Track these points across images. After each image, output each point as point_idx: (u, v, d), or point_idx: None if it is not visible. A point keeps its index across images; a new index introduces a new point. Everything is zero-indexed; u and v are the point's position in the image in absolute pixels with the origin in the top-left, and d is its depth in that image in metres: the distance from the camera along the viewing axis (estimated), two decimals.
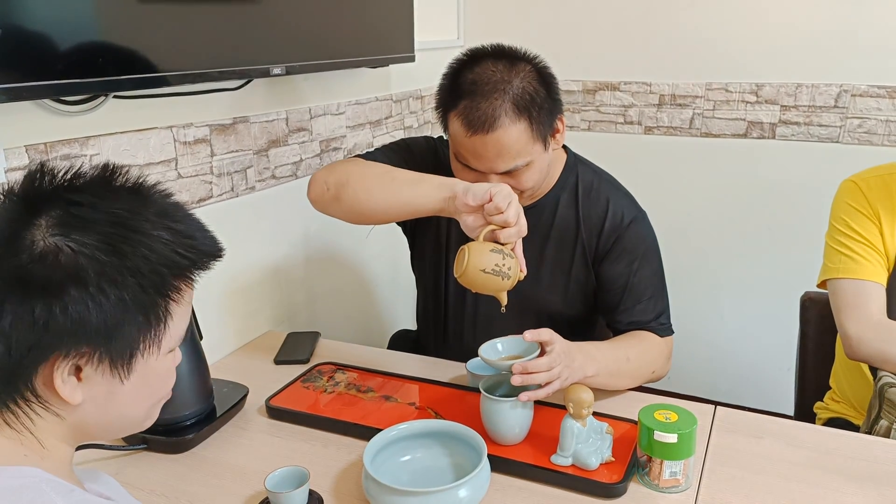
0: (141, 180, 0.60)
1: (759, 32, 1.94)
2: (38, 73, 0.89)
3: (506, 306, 0.99)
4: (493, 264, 0.93)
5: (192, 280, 0.61)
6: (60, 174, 0.57)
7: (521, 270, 0.97)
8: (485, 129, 1.04)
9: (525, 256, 0.99)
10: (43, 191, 0.56)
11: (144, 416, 0.64)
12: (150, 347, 0.59)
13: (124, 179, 0.60)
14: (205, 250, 0.61)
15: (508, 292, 0.98)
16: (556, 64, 1.17)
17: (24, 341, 0.53)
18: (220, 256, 0.63)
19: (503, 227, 0.95)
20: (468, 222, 0.98)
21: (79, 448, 0.98)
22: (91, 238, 0.54)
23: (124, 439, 1.05)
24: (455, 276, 0.97)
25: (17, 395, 0.56)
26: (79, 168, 0.58)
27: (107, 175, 0.59)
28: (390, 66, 1.77)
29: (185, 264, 0.59)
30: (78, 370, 0.56)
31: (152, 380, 0.61)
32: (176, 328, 0.61)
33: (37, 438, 0.57)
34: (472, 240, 0.98)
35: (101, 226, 0.55)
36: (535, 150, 1.09)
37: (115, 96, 1.08)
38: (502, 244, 0.96)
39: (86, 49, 0.95)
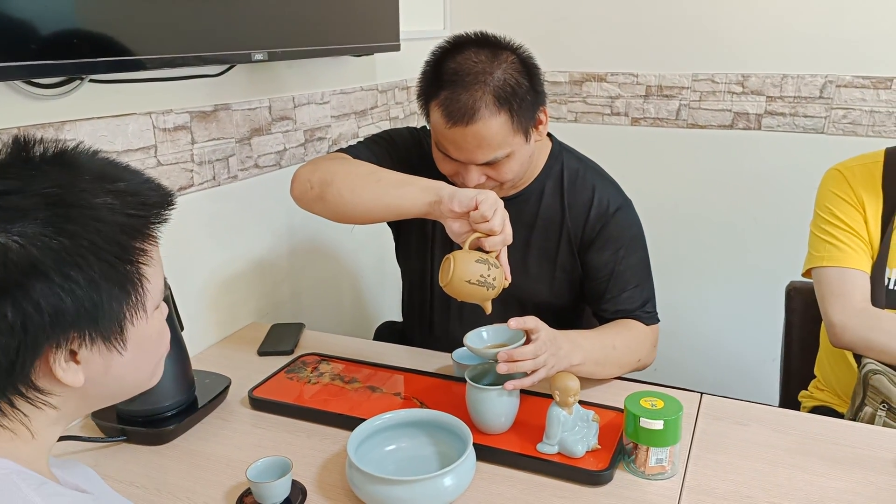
0: (61, 147, 0.56)
1: (745, 23, 1.94)
2: (10, 53, 0.86)
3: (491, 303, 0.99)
4: (479, 275, 0.94)
5: (154, 237, 0.59)
6: None
7: (505, 279, 0.98)
8: (464, 121, 1.03)
9: (510, 246, 0.99)
10: None
11: (150, 375, 0.64)
12: (136, 314, 0.57)
13: (42, 150, 0.55)
14: (155, 202, 0.58)
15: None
16: (542, 55, 1.16)
17: (9, 345, 0.51)
18: (173, 204, 0.60)
19: (488, 235, 0.94)
20: (454, 228, 0.98)
21: (58, 440, 0.97)
22: (33, 227, 0.50)
23: (103, 431, 1.03)
24: (440, 285, 0.97)
25: (16, 396, 0.54)
26: None
27: (22, 153, 0.54)
28: (375, 55, 1.76)
29: (140, 223, 0.56)
30: (73, 354, 0.55)
31: (148, 343, 0.60)
32: (154, 288, 0.59)
33: (28, 429, 0.56)
34: (457, 245, 0.98)
35: (38, 211, 0.51)
36: (516, 142, 1.08)
37: (91, 80, 1.05)
38: (487, 252, 0.95)
39: (60, 30, 0.93)
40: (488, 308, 0.99)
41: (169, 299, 1.06)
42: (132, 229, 0.56)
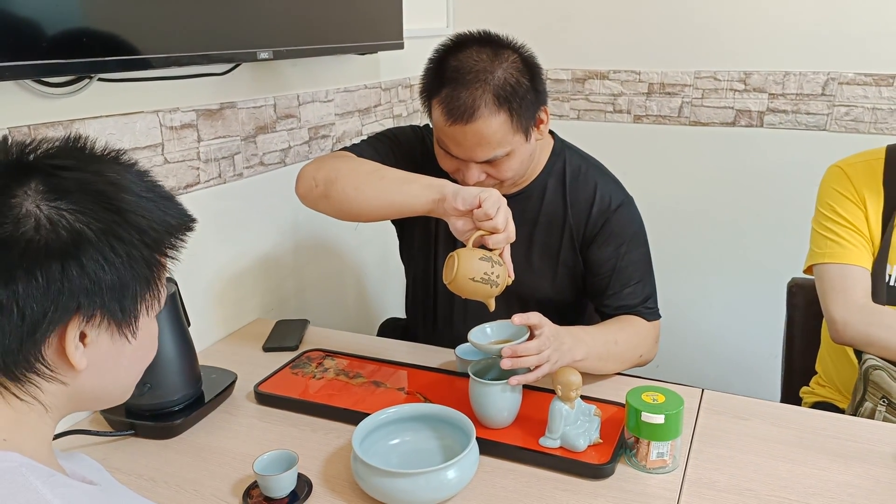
0: (108, 148, 0.60)
1: (747, 20, 1.94)
2: (20, 52, 0.88)
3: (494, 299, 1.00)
4: (482, 273, 0.95)
5: (180, 244, 0.62)
6: (31, 144, 0.57)
7: (508, 276, 0.99)
8: (464, 119, 1.04)
9: (513, 243, 1.00)
10: (17, 161, 0.56)
11: (133, 383, 0.65)
12: (151, 305, 0.61)
13: (92, 146, 0.60)
14: (187, 215, 0.63)
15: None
16: (545, 52, 1.16)
17: (39, 307, 0.53)
18: (193, 227, 0.64)
19: (492, 233, 0.95)
20: (457, 226, 0.99)
21: (67, 434, 0.99)
22: (88, 199, 0.54)
23: (111, 425, 1.05)
24: (444, 282, 0.98)
25: (25, 364, 0.55)
26: (42, 139, 0.58)
27: (78, 144, 0.59)
28: (379, 53, 1.76)
29: (175, 223, 0.61)
30: (83, 336, 0.56)
31: (148, 341, 0.63)
32: (163, 294, 0.63)
33: (42, 404, 0.57)
34: (461, 242, 0.99)
35: (94, 185, 0.55)
36: (516, 141, 1.09)
37: (100, 79, 1.07)
38: (491, 249, 0.96)
39: (69, 29, 0.94)
40: (492, 305, 1.00)
41: (176, 295, 1.07)
42: (167, 225, 0.60)
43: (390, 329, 1.56)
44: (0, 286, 0.51)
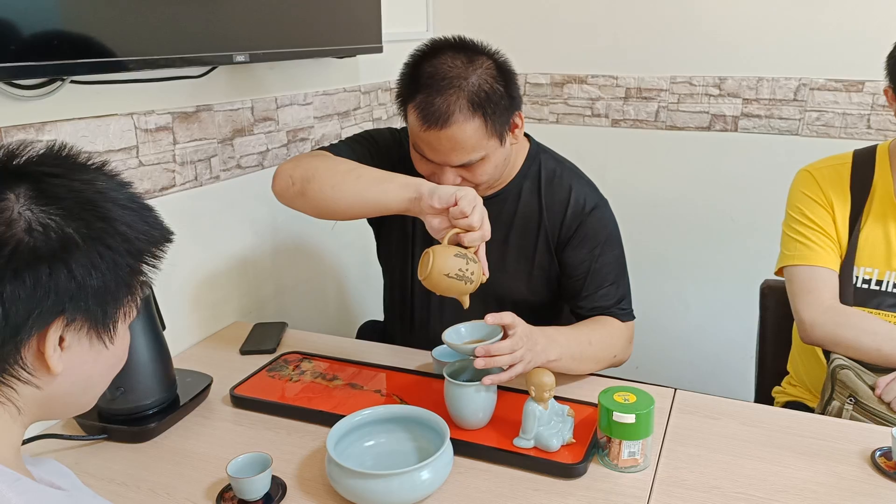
0: (91, 158, 0.62)
1: (722, 27, 1.98)
2: None
3: (469, 298, 1.00)
4: (457, 269, 0.95)
5: (161, 255, 0.63)
6: (18, 149, 0.58)
7: (483, 274, 0.99)
8: (438, 124, 1.05)
9: (489, 244, 1.01)
10: (4, 166, 0.56)
11: (101, 391, 0.65)
12: (128, 312, 0.62)
13: (77, 155, 0.61)
14: (167, 227, 0.64)
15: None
16: (524, 57, 1.18)
17: (24, 308, 0.53)
18: (172, 240, 0.65)
19: (467, 231, 0.96)
20: (433, 224, 0.99)
21: (38, 438, 0.98)
22: (77, 206, 0.56)
23: (84, 429, 1.04)
24: (419, 278, 0.98)
25: (3, 366, 0.55)
26: (29, 145, 0.59)
27: (63, 152, 0.60)
28: (358, 56, 1.77)
29: (157, 235, 0.62)
30: (61, 340, 0.57)
31: (121, 349, 0.63)
32: (138, 302, 0.64)
33: (16, 406, 0.57)
34: (437, 241, 1.00)
35: (83, 194, 0.57)
36: (490, 146, 1.10)
37: (72, 81, 1.06)
38: (466, 247, 0.97)
39: (42, 31, 0.93)
40: (466, 302, 1.01)
41: (150, 298, 1.07)
42: (149, 236, 0.61)
43: (369, 331, 1.56)
44: None
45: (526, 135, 1.26)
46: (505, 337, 1.01)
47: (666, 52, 2.05)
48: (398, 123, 1.29)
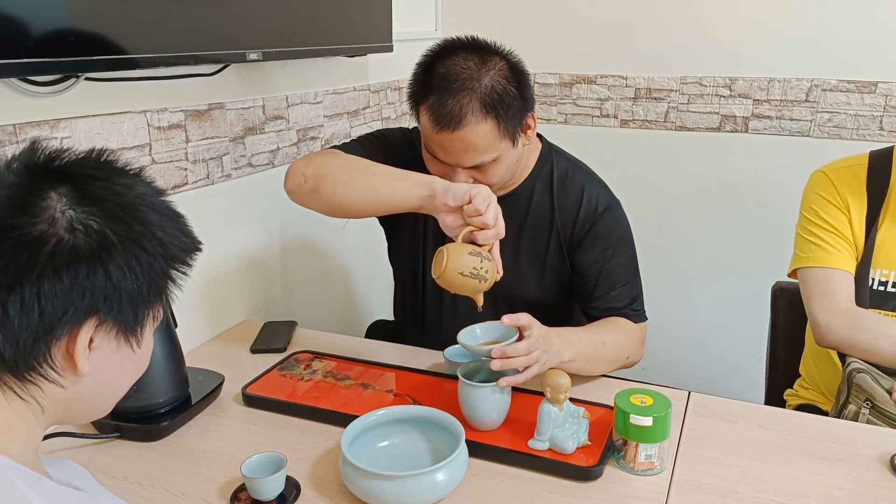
0: (129, 164, 0.62)
1: (733, 27, 1.97)
2: (6, 51, 0.86)
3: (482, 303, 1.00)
4: (471, 267, 0.95)
5: (192, 262, 0.64)
6: (61, 151, 0.59)
7: (497, 272, 0.99)
8: (451, 126, 1.05)
9: (501, 245, 1.00)
10: (47, 165, 0.57)
11: (121, 395, 0.65)
12: (156, 317, 0.62)
13: (116, 160, 0.62)
14: (196, 237, 0.65)
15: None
16: (533, 57, 1.17)
17: (59, 307, 0.53)
18: (202, 249, 0.66)
19: (481, 229, 0.96)
20: (447, 222, 0.99)
21: (51, 436, 0.98)
22: (118, 209, 0.57)
23: (97, 427, 1.04)
24: (433, 276, 0.98)
25: (34, 363, 0.55)
26: (69, 148, 0.60)
27: (102, 157, 0.61)
28: (368, 55, 1.76)
29: (189, 242, 0.63)
30: (90, 341, 0.57)
31: (144, 354, 0.64)
32: (165, 308, 0.65)
33: (41, 406, 0.57)
34: (450, 238, 0.99)
35: (122, 198, 0.57)
36: (503, 147, 1.09)
37: (87, 78, 1.06)
38: (480, 245, 0.97)
39: (57, 28, 0.93)
40: (480, 301, 1.00)
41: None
42: (181, 243, 0.62)
43: (378, 331, 1.56)
44: (27, 283, 0.52)
45: (538, 135, 1.25)
46: (521, 338, 1.00)
47: (676, 52, 2.04)
48: (407, 123, 1.28)
